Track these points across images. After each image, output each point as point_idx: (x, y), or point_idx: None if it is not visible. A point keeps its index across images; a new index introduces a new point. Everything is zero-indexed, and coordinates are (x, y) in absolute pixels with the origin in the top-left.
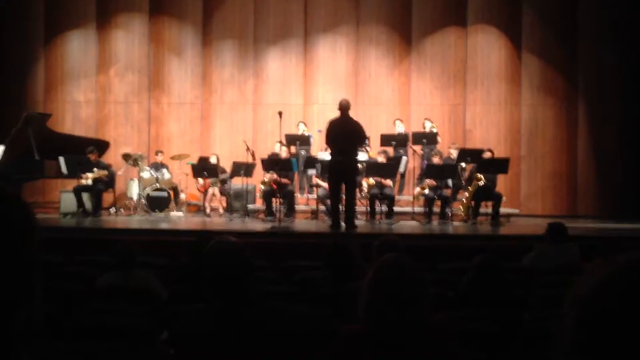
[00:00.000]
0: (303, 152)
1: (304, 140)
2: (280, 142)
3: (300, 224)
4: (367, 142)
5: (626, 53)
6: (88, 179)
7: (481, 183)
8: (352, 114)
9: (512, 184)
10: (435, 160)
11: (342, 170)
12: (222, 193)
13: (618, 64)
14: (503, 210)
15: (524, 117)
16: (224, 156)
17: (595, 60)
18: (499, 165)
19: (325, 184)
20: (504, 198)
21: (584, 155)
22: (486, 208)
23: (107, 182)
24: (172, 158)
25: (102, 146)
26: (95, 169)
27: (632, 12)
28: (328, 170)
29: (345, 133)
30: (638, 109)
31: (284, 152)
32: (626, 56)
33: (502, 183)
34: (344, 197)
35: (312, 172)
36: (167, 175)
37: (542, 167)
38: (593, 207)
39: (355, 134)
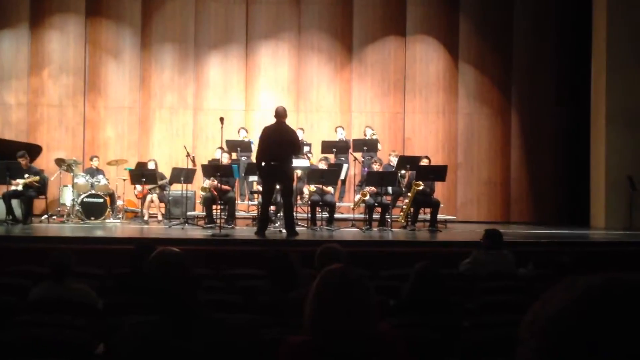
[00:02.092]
0: (244, 159)
1: (245, 147)
2: (221, 148)
3: (242, 231)
4: (308, 149)
5: (558, 66)
6: (18, 185)
7: (420, 188)
8: (294, 120)
9: (449, 191)
10: (376, 167)
11: (275, 174)
12: (160, 199)
13: (550, 76)
14: (440, 216)
15: (461, 126)
16: (163, 162)
17: (529, 72)
18: (437, 173)
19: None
20: (441, 205)
21: (517, 163)
22: (424, 214)
23: (39, 188)
24: (109, 163)
25: (33, 151)
26: (26, 175)
27: (565, 27)
28: (262, 175)
29: (279, 141)
30: (569, 120)
31: (224, 158)
32: (558, 69)
33: (439, 190)
34: (285, 204)
35: (253, 178)
36: (103, 181)
37: (478, 174)
38: (527, 213)
39: (290, 144)
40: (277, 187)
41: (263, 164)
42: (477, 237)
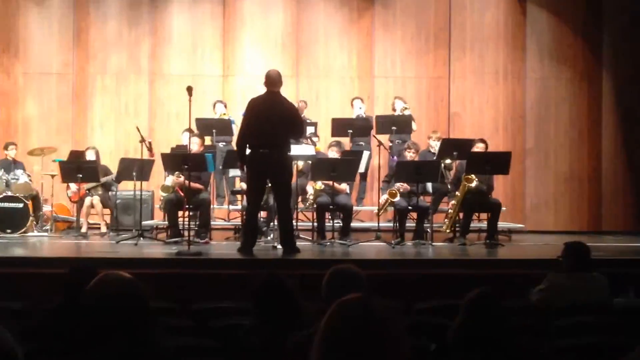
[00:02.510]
0: (222, 145)
1: (223, 128)
2: (190, 130)
3: (219, 247)
4: (312, 131)
5: None
6: None
7: (473, 185)
8: (292, 89)
9: (513, 188)
10: (409, 155)
11: (265, 167)
12: (104, 204)
13: None
14: (502, 224)
15: (530, 96)
16: (108, 150)
17: (628, 21)
18: (496, 163)
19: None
20: (503, 208)
21: (610, 149)
22: (479, 221)
23: None
24: (31, 153)
25: None
26: None
27: None
28: (247, 166)
29: (272, 120)
30: None
31: (194, 145)
32: None
33: (500, 187)
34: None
35: (235, 173)
36: (22, 179)
37: (555, 165)
38: (624, 220)
39: (286, 124)
40: (269, 184)
41: (249, 152)
42: (555, 254)
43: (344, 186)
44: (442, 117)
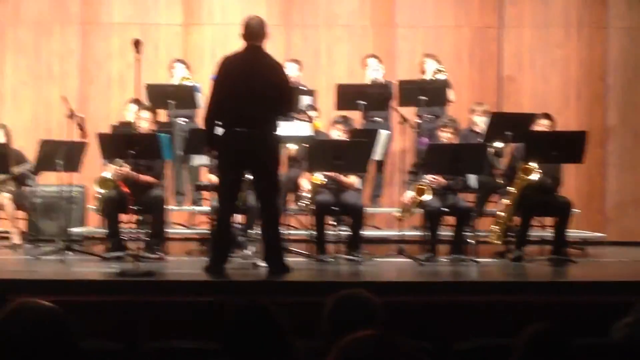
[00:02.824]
0: (182, 122)
1: (184, 97)
2: (137, 100)
3: (178, 264)
4: (309, 102)
5: None
6: None
7: (534, 178)
8: (280, 44)
9: (591, 182)
10: (445, 136)
11: (244, 153)
12: (18, 204)
13: None
14: (574, 233)
15: (614, 54)
16: (22, 129)
17: None
18: (566, 147)
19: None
20: (576, 210)
21: None
22: (542, 229)
23: None
24: None
25: None
26: None
27: None
28: (219, 152)
29: (252, 86)
30: None
31: (144, 122)
32: None
33: (572, 181)
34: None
35: (200, 161)
36: None
37: None
38: None
39: (272, 92)
40: (249, 177)
41: (220, 131)
42: None
43: (353, 179)
44: (490, 83)
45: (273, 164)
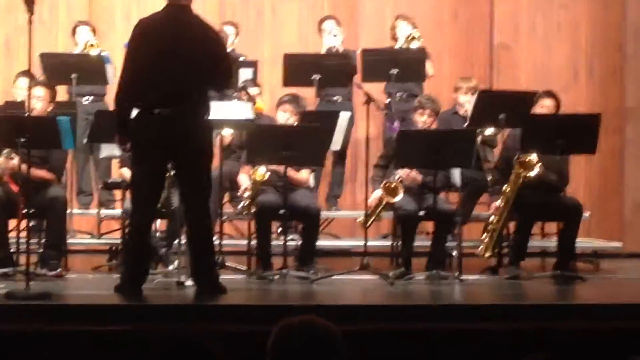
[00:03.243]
0: (87, 100)
1: (89, 70)
2: (29, 73)
3: (84, 284)
4: (250, 76)
5: None
6: None
7: (534, 173)
8: (212, 4)
9: (605, 179)
10: (422, 120)
11: (165, 141)
12: None
13: None
14: (584, 243)
15: (635, 16)
16: None
17: None
18: (575, 134)
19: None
20: (585, 214)
21: None
22: (544, 239)
23: None
24: None
25: None
26: None
27: None
28: (134, 141)
29: (177, 55)
30: None
31: (37, 101)
32: None
33: (581, 177)
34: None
35: (110, 151)
36: None
37: None
38: None
39: (203, 61)
40: (172, 172)
41: (135, 112)
42: None
43: (306, 175)
44: (480, 53)
45: (203, 155)
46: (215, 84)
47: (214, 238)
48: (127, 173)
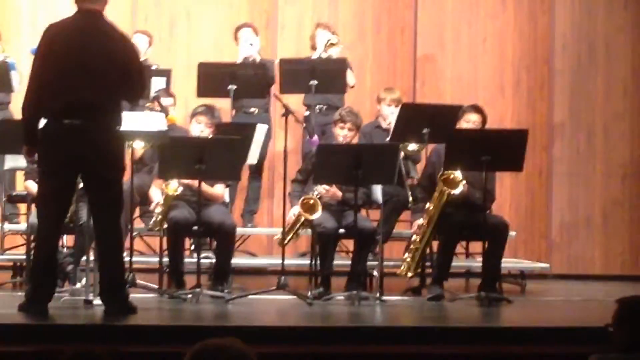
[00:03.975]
0: None
1: None
2: None
3: None
4: (163, 87)
5: None
6: None
7: (458, 191)
8: (124, 9)
9: (532, 197)
10: (342, 134)
11: (75, 152)
12: None
13: None
14: (510, 263)
15: (564, 28)
16: None
17: None
18: (501, 151)
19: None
20: (512, 233)
21: None
22: (468, 258)
23: None
24: None
25: None
26: None
27: None
28: (41, 151)
29: (89, 63)
30: None
31: None
32: None
33: (507, 195)
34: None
35: (15, 163)
36: None
37: (605, 154)
38: None
39: (116, 70)
40: (81, 184)
41: (43, 122)
42: (602, 319)
43: (220, 189)
44: (403, 63)
45: (114, 168)
46: (127, 94)
47: (124, 255)
48: (32, 186)
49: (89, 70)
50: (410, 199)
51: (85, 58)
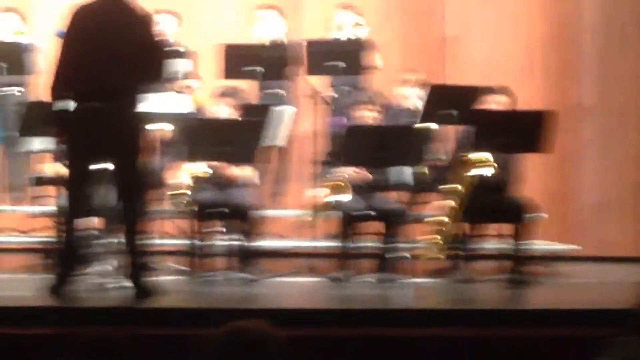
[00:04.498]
0: (13, 92)
1: (16, 59)
2: None
3: (12, 283)
4: (182, 73)
5: None
6: None
7: (485, 173)
8: None
9: (561, 180)
10: (368, 115)
11: (99, 134)
12: None
13: None
14: (539, 245)
15: (593, 9)
16: None
17: None
18: (529, 132)
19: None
20: (540, 215)
21: None
22: (497, 239)
23: None
24: None
25: None
26: None
27: None
28: (69, 133)
29: (109, 43)
30: None
31: None
32: None
33: (536, 177)
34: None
35: (37, 145)
36: None
37: (637, 137)
38: None
39: (138, 51)
40: (107, 166)
41: (72, 104)
42: (630, 300)
43: (248, 172)
44: (430, 45)
45: (133, 150)
46: (148, 76)
47: (150, 237)
48: (61, 168)
49: (109, 52)
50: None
51: (107, 40)
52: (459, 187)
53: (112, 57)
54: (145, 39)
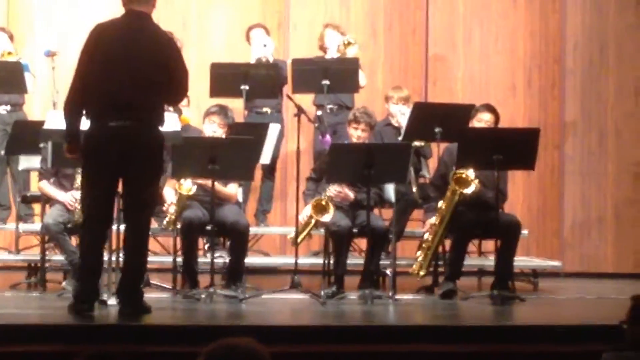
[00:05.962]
0: (4, 110)
1: (7, 78)
2: None
3: (2, 301)
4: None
5: None
6: None
7: (470, 190)
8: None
9: (544, 197)
10: (355, 134)
11: (121, 155)
12: None
13: None
14: (522, 261)
15: (575, 27)
16: None
17: None
18: (514, 150)
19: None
20: (524, 231)
21: None
22: (481, 257)
23: None
24: None
25: None
26: None
27: None
28: (86, 152)
29: (135, 62)
30: None
31: None
32: None
33: (519, 194)
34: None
35: (29, 164)
36: None
37: (618, 154)
38: None
39: (160, 68)
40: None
41: (87, 122)
42: (616, 316)
43: (234, 189)
44: (415, 63)
45: (155, 171)
46: (169, 97)
47: (146, 254)
48: (46, 187)
49: (133, 72)
50: (418, 197)
51: (131, 60)
52: (442, 204)
53: (134, 76)
54: (169, 58)
